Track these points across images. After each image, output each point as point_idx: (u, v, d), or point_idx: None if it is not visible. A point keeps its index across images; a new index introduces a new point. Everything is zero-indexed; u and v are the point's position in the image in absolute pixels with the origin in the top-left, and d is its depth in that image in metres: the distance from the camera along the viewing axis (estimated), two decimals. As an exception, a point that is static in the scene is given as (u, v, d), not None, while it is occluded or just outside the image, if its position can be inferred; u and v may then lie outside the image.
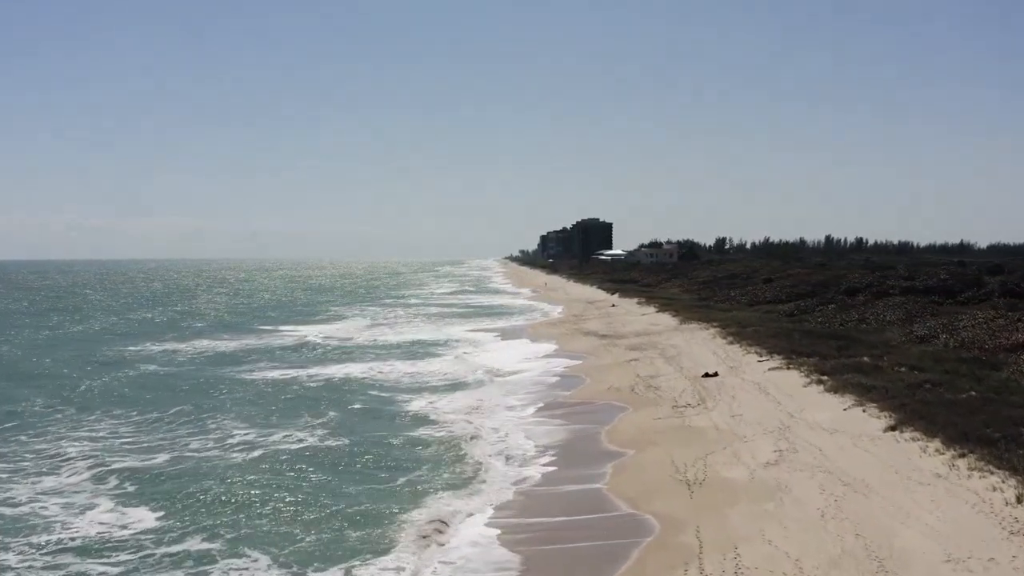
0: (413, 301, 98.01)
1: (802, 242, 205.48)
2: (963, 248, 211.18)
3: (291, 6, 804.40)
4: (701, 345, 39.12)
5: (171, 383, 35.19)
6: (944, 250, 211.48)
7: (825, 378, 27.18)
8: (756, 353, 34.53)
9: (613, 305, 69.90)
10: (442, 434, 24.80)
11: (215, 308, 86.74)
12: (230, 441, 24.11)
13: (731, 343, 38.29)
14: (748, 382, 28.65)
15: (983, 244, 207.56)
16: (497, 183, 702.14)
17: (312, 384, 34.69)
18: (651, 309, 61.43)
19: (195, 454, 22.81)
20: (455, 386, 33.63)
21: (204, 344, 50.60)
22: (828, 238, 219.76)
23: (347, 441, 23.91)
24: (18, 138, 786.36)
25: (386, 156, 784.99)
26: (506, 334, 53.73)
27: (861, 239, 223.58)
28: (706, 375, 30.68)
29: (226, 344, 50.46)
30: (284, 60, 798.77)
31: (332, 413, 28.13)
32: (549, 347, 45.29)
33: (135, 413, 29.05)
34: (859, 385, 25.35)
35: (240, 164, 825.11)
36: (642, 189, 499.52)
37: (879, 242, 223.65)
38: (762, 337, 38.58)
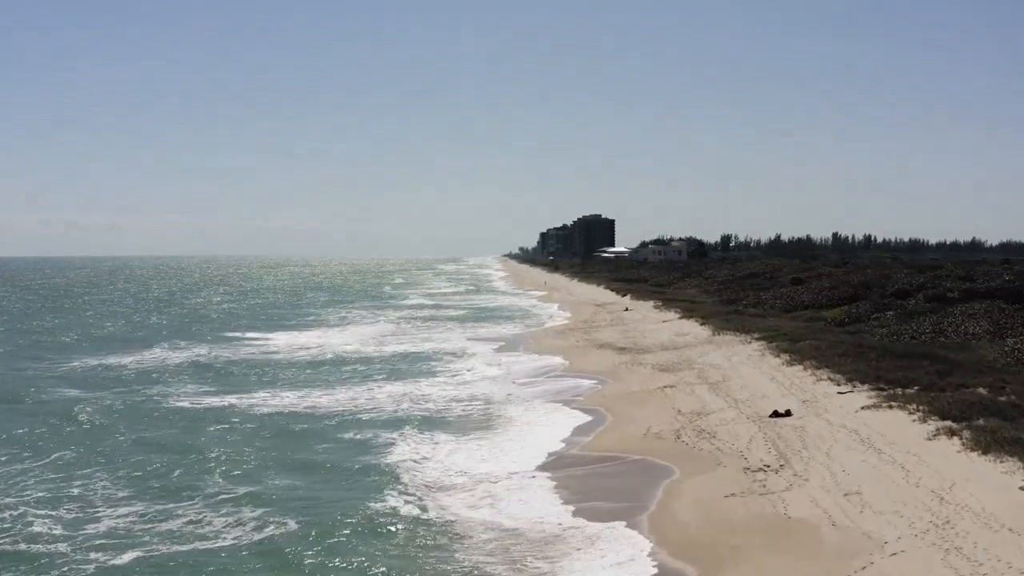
0: (407, 302, 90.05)
1: (809, 239, 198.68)
2: (975, 245, 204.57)
3: (289, 2, 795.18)
4: (750, 365, 31.31)
5: (74, 416, 27.26)
6: (956, 247, 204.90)
7: (954, 426, 19.38)
8: (830, 380, 26.73)
9: (626, 309, 62.03)
10: (421, 518, 16.97)
11: (210, 311, 78.45)
12: (91, 528, 16.22)
13: (790, 364, 30.42)
14: (838, 427, 20.86)
15: (993, 242, 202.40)
16: (495, 180, 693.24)
17: (262, 419, 26.89)
18: (672, 314, 53.56)
19: (27, 549, 15.05)
20: (443, 424, 25.80)
21: (154, 357, 42.78)
22: (835, 235, 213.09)
23: (286, 534, 16.00)
24: (18, 136, 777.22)
25: (386, 154, 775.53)
26: (506, 345, 45.88)
27: (869, 236, 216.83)
28: (776, 414, 22.86)
29: (183, 358, 42.57)
30: (283, 56, 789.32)
31: (272, 474, 20.33)
32: (556, 363, 37.54)
33: (4, 458, 21.55)
34: (1017, 441, 17.55)
35: (240, 161, 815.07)
36: (639, 187, 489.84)
37: (887, 239, 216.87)
38: (827, 355, 30.77)
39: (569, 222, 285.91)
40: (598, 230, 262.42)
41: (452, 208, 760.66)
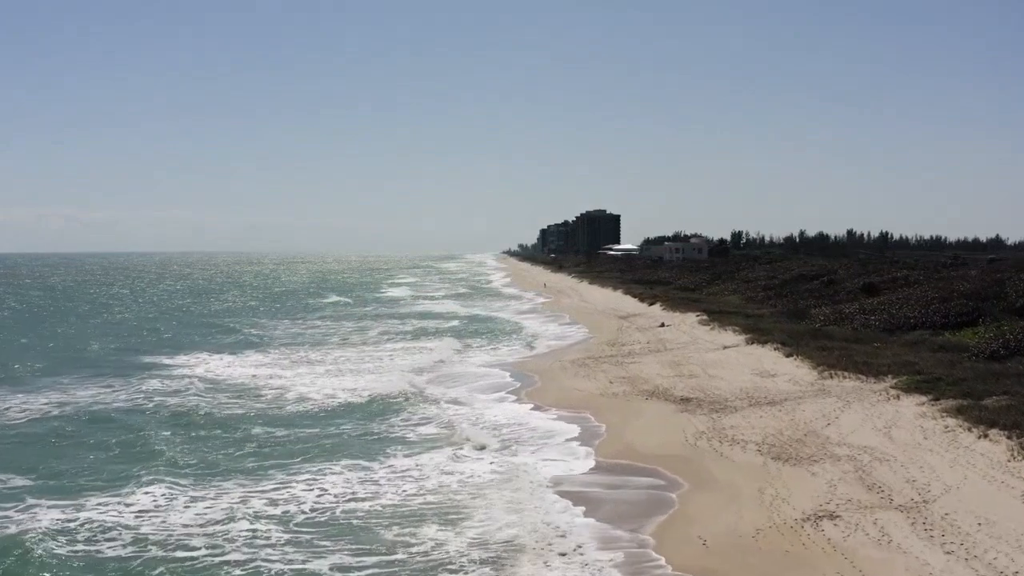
0: (411, 309, 75.90)
1: (823, 236, 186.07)
2: (998, 243, 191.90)
3: (291, 4, 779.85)
4: (947, 456, 17.65)
5: None
6: (978, 245, 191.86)
7: None
8: None
9: (663, 324, 48.19)
10: None
11: (201, 319, 65.12)
12: None
13: (1020, 459, 16.81)
14: None
15: (1015, 239, 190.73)
16: (493, 176, 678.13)
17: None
18: (731, 336, 39.76)
19: None
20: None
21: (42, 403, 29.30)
22: (850, 232, 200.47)
23: None
24: (16, 130, 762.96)
25: (387, 151, 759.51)
26: (508, 385, 32.26)
27: (885, 233, 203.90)
28: None
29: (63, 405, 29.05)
30: (283, 54, 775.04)
31: None
32: (585, 433, 24.09)
33: None
34: None
35: (241, 159, 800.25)
36: (639, 183, 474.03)
37: (905, 236, 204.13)
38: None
39: (571, 218, 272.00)
40: (602, 226, 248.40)
41: (451, 206, 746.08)
